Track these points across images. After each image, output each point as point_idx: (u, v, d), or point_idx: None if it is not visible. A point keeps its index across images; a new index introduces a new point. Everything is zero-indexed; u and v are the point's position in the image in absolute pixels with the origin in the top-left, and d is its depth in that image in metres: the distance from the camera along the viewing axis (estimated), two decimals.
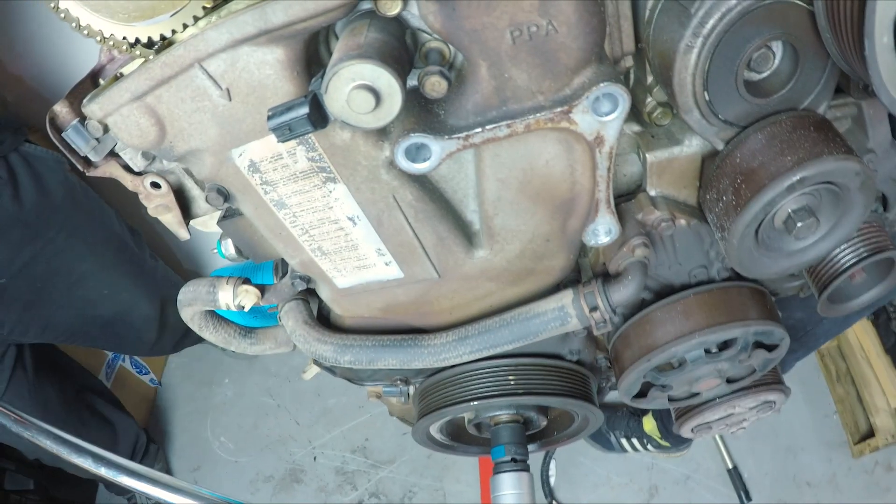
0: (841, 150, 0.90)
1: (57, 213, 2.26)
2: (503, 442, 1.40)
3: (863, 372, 2.81)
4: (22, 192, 2.14)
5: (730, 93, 0.91)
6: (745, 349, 1.22)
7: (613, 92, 0.82)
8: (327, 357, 1.21)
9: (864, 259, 1.12)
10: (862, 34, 0.73)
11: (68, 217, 2.31)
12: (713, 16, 0.82)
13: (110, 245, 2.53)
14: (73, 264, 2.38)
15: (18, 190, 2.13)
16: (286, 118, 0.76)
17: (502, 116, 0.85)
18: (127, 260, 2.61)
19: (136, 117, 0.87)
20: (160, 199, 1.08)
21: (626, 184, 1.13)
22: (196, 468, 3.37)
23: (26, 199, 2.15)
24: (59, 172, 2.26)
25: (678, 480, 2.98)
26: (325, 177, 0.95)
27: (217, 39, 0.79)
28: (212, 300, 1.21)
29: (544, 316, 1.12)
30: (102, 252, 2.48)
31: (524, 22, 0.78)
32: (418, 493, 3.12)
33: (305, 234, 1.06)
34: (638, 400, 1.34)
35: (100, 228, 2.49)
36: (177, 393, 3.58)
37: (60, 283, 2.37)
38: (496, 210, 1.01)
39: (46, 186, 2.22)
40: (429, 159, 0.85)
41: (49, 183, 2.23)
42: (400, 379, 1.45)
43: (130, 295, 2.63)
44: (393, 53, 0.75)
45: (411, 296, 1.18)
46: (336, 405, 3.40)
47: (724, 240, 0.99)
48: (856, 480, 2.88)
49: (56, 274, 2.34)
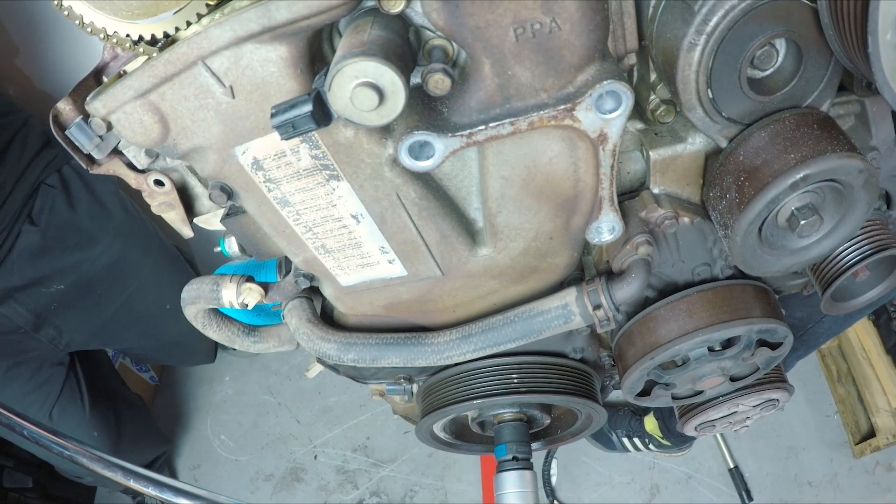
0: (844, 148, 0.90)
1: (111, 219, 2.32)
2: (506, 440, 1.40)
3: (864, 372, 2.81)
4: (75, 201, 2.21)
5: (733, 90, 0.91)
6: (749, 347, 1.21)
7: (617, 89, 0.82)
8: (331, 355, 1.21)
9: (868, 257, 1.12)
10: (865, 31, 0.73)
11: (122, 223, 2.36)
12: (717, 13, 0.82)
13: (165, 255, 2.58)
14: (132, 271, 2.42)
15: (72, 198, 2.20)
16: (289, 116, 0.76)
17: (506, 114, 0.85)
18: (182, 270, 2.66)
19: (139, 115, 0.87)
20: (164, 197, 1.08)
21: (630, 181, 1.13)
22: (196, 466, 3.37)
23: (80, 207, 2.22)
24: (110, 184, 2.33)
25: (680, 480, 2.98)
26: (329, 174, 0.95)
27: (220, 37, 0.79)
28: (215, 298, 1.21)
29: (548, 314, 1.12)
30: (159, 260, 2.53)
31: (528, 19, 0.78)
32: (419, 492, 3.12)
33: (309, 232, 1.06)
34: (641, 398, 1.34)
35: (154, 237, 2.55)
36: (177, 391, 3.58)
37: (120, 290, 2.41)
38: (499, 208, 1.01)
39: (99, 195, 2.29)
40: (432, 157, 0.85)
41: (101, 192, 2.30)
42: (403, 377, 1.45)
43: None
44: (396, 51, 0.75)
45: (415, 294, 1.18)
46: (337, 403, 3.40)
47: (728, 237, 0.99)
48: (857, 480, 2.88)
49: (116, 281, 2.38)
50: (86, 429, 2.49)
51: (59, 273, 2.23)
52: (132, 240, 2.39)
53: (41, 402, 2.36)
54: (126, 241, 2.36)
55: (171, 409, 3.55)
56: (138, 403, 3.02)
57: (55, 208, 2.15)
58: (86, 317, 2.38)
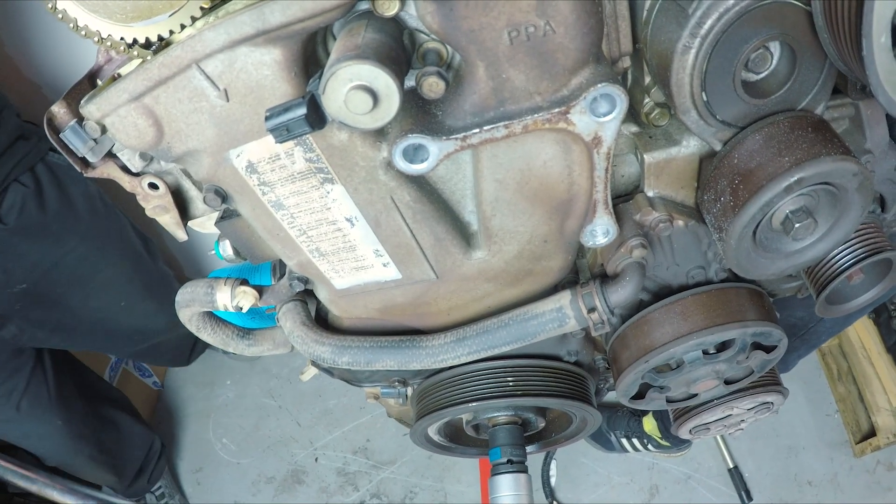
0: (839, 151, 0.90)
1: (79, 222, 2.28)
2: (500, 444, 1.40)
3: (864, 371, 2.80)
4: (47, 201, 2.16)
5: (727, 93, 0.91)
6: (743, 350, 1.21)
7: (611, 92, 0.82)
8: (325, 358, 1.21)
9: (862, 260, 1.12)
10: (860, 34, 0.73)
11: (89, 227, 2.33)
12: (711, 16, 0.82)
13: (127, 256, 2.55)
14: (93, 273, 2.40)
15: (44, 199, 2.16)
16: (284, 119, 0.76)
17: (500, 117, 0.85)
18: (143, 270, 2.64)
19: (133, 118, 0.87)
20: (158, 200, 1.08)
21: (624, 184, 1.13)
22: (198, 469, 3.37)
23: (50, 208, 2.17)
24: (81, 183, 2.29)
25: (679, 480, 2.98)
26: (323, 178, 0.95)
27: (215, 40, 0.79)
28: (210, 301, 1.21)
29: (542, 317, 1.12)
30: (120, 263, 2.51)
31: (522, 22, 0.78)
32: (419, 493, 3.12)
33: (303, 235, 1.06)
34: (636, 401, 1.34)
35: (117, 239, 2.52)
36: (179, 395, 3.58)
37: (79, 291, 2.40)
38: (494, 211, 1.01)
39: (69, 196, 2.25)
40: (426, 160, 0.85)
41: (72, 193, 2.25)
42: (398, 380, 1.45)
43: (145, 307, 2.66)
44: (390, 54, 0.75)
45: (409, 297, 1.18)
46: (337, 406, 3.40)
47: (722, 241, 0.99)
48: (857, 480, 2.88)
49: (76, 282, 2.37)
50: (50, 417, 2.53)
51: (24, 272, 2.22)
52: (96, 241, 2.37)
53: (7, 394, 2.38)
54: (90, 244, 2.35)
55: (173, 413, 3.55)
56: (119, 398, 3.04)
57: (25, 208, 2.11)
58: (46, 316, 2.39)
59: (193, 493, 3.32)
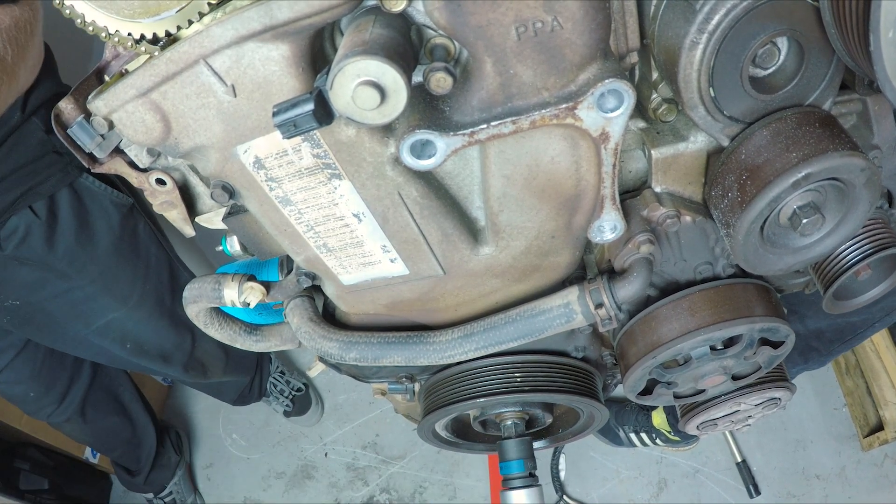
0: (846, 147, 0.89)
1: (93, 264, 2.03)
2: (511, 458, 1.41)
3: (872, 364, 2.80)
4: (58, 238, 1.91)
5: (735, 89, 0.91)
6: (751, 346, 1.21)
7: (618, 88, 0.82)
8: (332, 354, 1.21)
9: (870, 256, 1.12)
10: (867, 29, 0.72)
11: (105, 270, 2.07)
12: (718, 12, 0.82)
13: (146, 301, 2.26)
14: (99, 313, 2.17)
15: (55, 234, 1.90)
16: (291, 114, 0.76)
17: (507, 113, 0.85)
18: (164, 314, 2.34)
19: (141, 114, 0.87)
20: (165, 196, 1.08)
21: (632, 180, 1.13)
22: (209, 465, 3.39)
23: (60, 246, 1.92)
24: (111, 214, 2.02)
25: (687, 474, 2.98)
26: (331, 173, 0.95)
27: (222, 36, 0.79)
28: (217, 297, 1.21)
29: (550, 313, 1.12)
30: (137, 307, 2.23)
31: (529, 18, 0.78)
32: (429, 488, 3.13)
33: (310, 231, 1.06)
34: (643, 397, 1.34)
35: (140, 283, 2.21)
36: (189, 391, 3.60)
37: (80, 326, 2.18)
38: (501, 206, 1.01)
39: (90, 231, 1.98)
40: (434, 156, 0.85)
41: (95, 228, 1.99)
42: (405, 376, 1.45)
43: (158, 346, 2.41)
44: (398, 49, 0.75)
45: (416, 292, 1.18)
46: (346, 401, 3.41)
47: (730, 236, 0.99)
48: (865, 473, 2.87)
49: (77, 318, 2.15)
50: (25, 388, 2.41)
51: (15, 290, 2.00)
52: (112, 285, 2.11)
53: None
54: (100, 286, 2.08)
55: (183, 409, 3.57)
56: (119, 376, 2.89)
57: (28, 240, 1.86)
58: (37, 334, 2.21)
59: (204, 488, 3.35)
